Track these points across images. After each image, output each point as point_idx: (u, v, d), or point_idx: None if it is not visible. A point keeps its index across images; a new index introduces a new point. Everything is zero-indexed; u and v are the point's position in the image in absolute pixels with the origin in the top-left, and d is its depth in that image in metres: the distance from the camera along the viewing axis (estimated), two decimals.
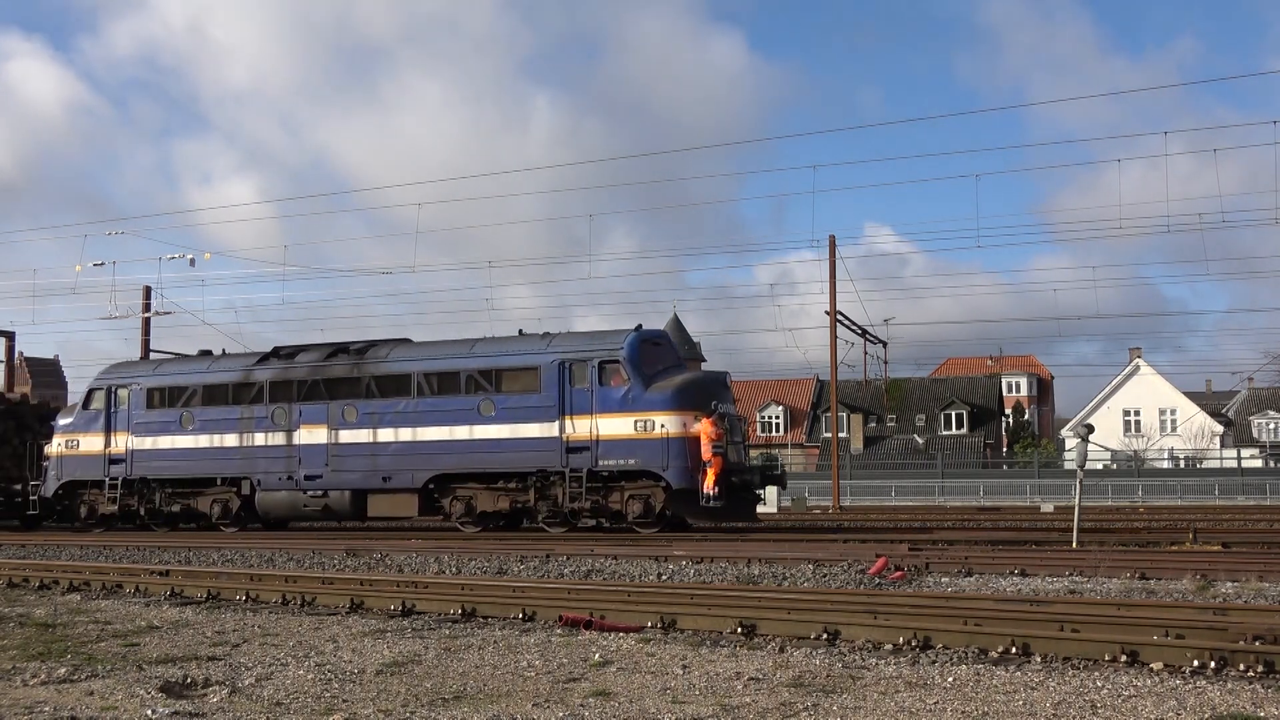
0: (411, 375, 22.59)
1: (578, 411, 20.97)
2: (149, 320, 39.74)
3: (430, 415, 22.21)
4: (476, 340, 23.19)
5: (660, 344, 22.27)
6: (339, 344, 24.52)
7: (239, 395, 24.37)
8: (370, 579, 13.15)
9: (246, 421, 24.14)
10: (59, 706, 6.95)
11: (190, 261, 36.45)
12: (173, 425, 24.97)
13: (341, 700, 7.08)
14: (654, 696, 6.99)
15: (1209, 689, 6.81)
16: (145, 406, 25.34)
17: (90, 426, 26.02)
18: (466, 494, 22.12)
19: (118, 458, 25.54)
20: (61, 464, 26.37)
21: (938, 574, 13.60)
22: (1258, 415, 75.53)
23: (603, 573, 15.03)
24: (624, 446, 20.56)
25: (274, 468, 23.75)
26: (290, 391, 23.77)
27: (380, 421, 22.67)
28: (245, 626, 10.53)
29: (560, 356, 21.32)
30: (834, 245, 35.30)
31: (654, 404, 20.51)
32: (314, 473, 23.27)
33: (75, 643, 9.67)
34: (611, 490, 20.81)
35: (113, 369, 27.04)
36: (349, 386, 23.18)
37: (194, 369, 25.69)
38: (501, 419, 21.55)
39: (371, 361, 23.24)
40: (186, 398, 24.97)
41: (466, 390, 21.96)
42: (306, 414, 23.47)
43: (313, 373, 23.71)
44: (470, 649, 8.93)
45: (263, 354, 25.05)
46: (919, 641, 8.33)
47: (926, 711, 6.42)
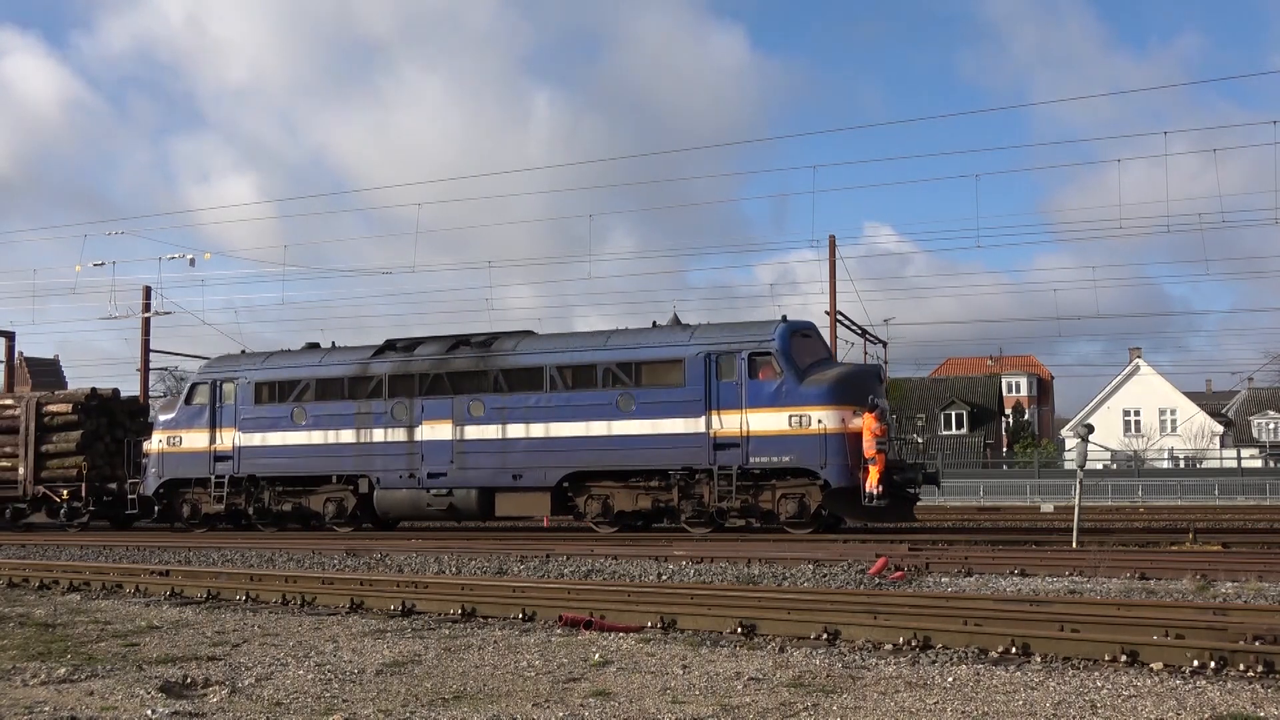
0: (544, 368, 21.67)
1: (725, 406, 20.06)
2: (149, 320, 39.74)
3: (564, 410, 21.29)
4: (611, 332, 22.24)
5: (809, 335, 21.30)
6: (458, 336, 23.63)
7: (355, 389, 23.39)
8: (370, 579, 13.15)
9: (364, 417, 23.18)
10: (59, 706, 6.95)
11: (190, 261, 36.41)
12: (283, 421, 23.95)
13: (341, 700, 7.08)
14: (654, 696, 6.99)
15: (1209, 689, 6.81)
16: (253, 401, 24.31)
17: (194, 422, 25.00)
18: (602, 493, 21.21)
19: (224, 454, 24.53)
20: (162, 461, 25.34)
21: (938, 574, 13.60)
22: (1258, 415, 75.54)
23: (603, 573, 15.03)
24: (777, 443, 19.62)
25: (394, 465, 22.77)
26: (411, 385, 22.77)
27: (510, 417, 21.72)
28: (245, 626, 10.53)
29: (706, 349, 20.38)
30: (834, 245, 35.32)
31: (810, 398, 19.59)
32: (438, 470, 22.31)
33: (75, 643, 9.67)
34: (762, 489, 19.90)
35: (215, 362, 26.01)
36: (475, 380, 22.25)
37: (304, 362, 24.54)
38: (642, 414, 20.68)
39: (499, 354, 22.36)
40: (298, 392, 23.95)
41: (603, 384, 21.07)
42: (429, 409, 22.50)
43: (435, 366, 22.71)
44: (470, 649, 8.93)
45: (376, 347, 24.03)
46: (919, 641, 8.33)
47: (926, 711, 6.42)
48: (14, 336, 42.06)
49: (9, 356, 42.25)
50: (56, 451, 27.88)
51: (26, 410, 28.10)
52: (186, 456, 25.00)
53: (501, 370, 22.02)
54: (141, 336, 39.88)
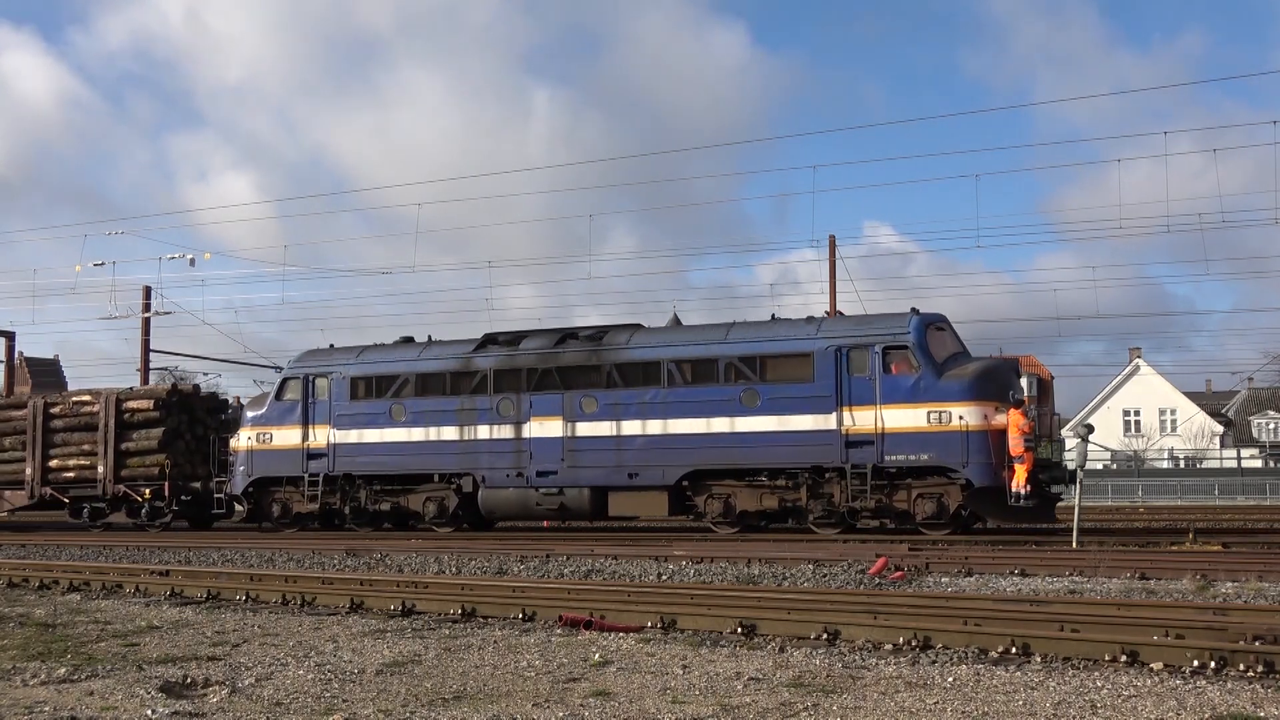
0: (661, 363, 20.94)
1: (858, 402, 19.37)
2: (149, 320, 39.74)
3: (684, 406, 20.59)
4: (730, 325, 21.47)
5: (943, 328, 20.43)
6: (565, 329, 22.97)
7: (458, 385, 22.60)
8: (370, 579, 13.15)
9: (468, 413, 22.37)
10: (59, 706, 6.95)
11: (190, 261, 36.45)
12: (381, 417, 23.13)
13: (341, 700, 7.08)
14: (654, 696, 6.99)
15: (1209, 689, 6.81)
16: (349, 397, 23.54)
17: (285, 419, 24.20)
18: (724, 492, 20.48)
19: (317, 452, 23.73)
20: (251, 459, 24.52)
21: (938, 574, 13.61)
22: (1258, 415, 75.54)
23: (603, 573, 15.04)
24: (914, 440, 18.94)
25: (500, 463, 22.01)
26: (518, 380, 22.07)
27: (625, 413, 21.00)
28: (245, 626, 10.53)
29: (836, 342, 19.72)
30: (834, 245, 35.31)
31: (950, 393, 18.89)
32: (547, 468, 21.59)
33: (75, 643, 9.67)
34: (897, 489, 19.25)
35: (306, 356, 25.03)
36: (586, 375, 21.54)
37: (402, 357, 23.67)
38: (767, 410, 19.94)
39: (612, 348, 21.63)
40: (397, 387, 23.12)
41: (725, 379, 20.36)
42: (538, 405, 21.75)
43: (543, 360, 21.98)
44: (470, 649, 8.93)
45: (476, 341, 23.32)
46: (919, 641, 8.33)
47: (926, 711, 6.42)
48: (14, 336, 42.09)
49: (9, 356, 42.26)
50: (137, 449, 27.14)
51: (105, 406, 27.28)
52: (277, 454, 24.23)
53: (615, 364, 21.33)
54: (141, 336, 39.88)
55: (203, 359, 48.94)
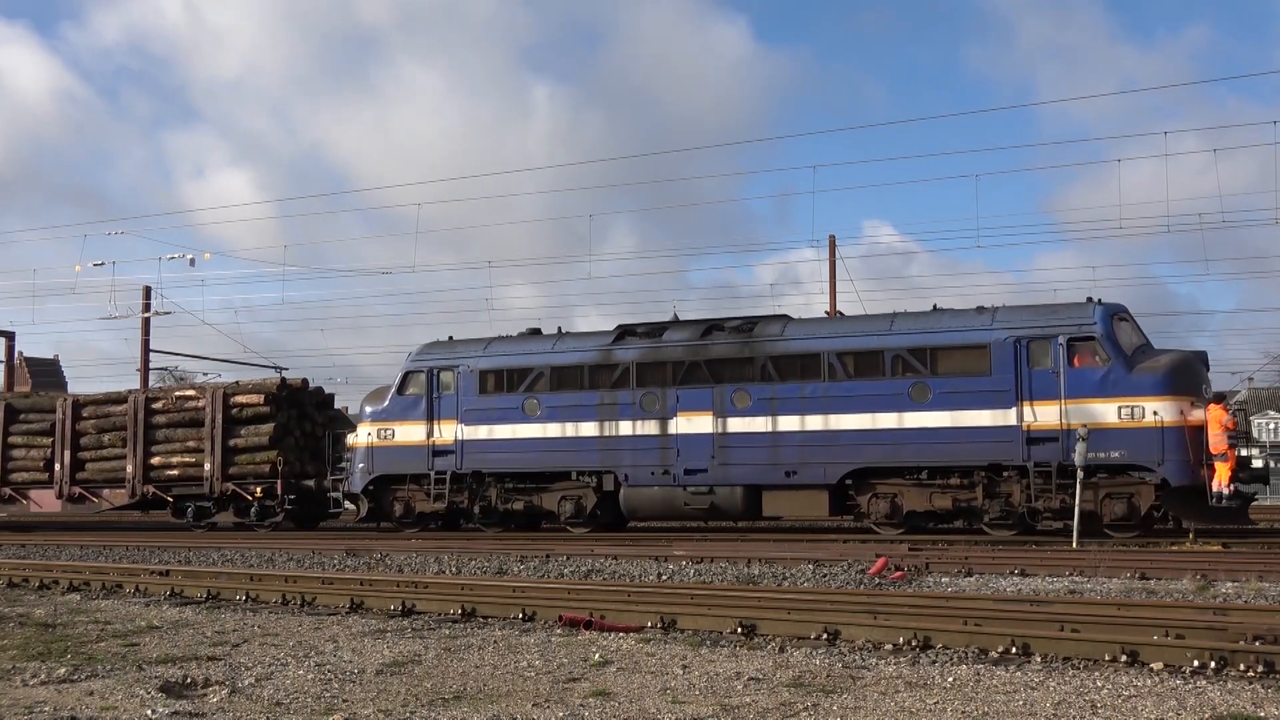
0: (821, 355, 19.90)
1: (1040, 396, 18.36)
2: (149, 320, 39.75)
3: (847, 401, 19.56)
4: (895, 315, 20.37)
5: (1126, 318, 19.29)
6: (709, 320, 22.01)
7: (597, 378, 21.59)
8: (370, 579, 13.15)
9: (608, 408, 21.34)
10: (59, 706, 6.95)
11: (190, 261, 36.43)
12: (513, 412, 22.10)
13: (341, 700, 7.08)
14: (654, 696, 6.98)
15: (1209, 689, 6.81)
16: (478, 391, 22.50)
17: (408, 414, 23.11)
18: (890, 492, 19.48)
19: (444, 449, 22.68)
20: (372, 456, 23.39)
21: (938, 574, 13.61)
22: (1257, 415, 75.55)
23: (603, 573, 15.04)
24: (1104, 437, 17.83)
25: (644, 460, 20.98)
26: (663, 374, 21.04)
27: (781, 408, 19.98)
28: (245, 626, 10.53)
29: (1014, 333, 18.68)
30: (834, 245, 35.30)
31: (1142, 387, 17.87)
32: (696, 466, 20.58)
33: (75, 643, 9.67)
34: (1083, 488, 17.99)
35: (428, 349, 23.78)
36: (737, 368, 20.50)
37: (535, 349, 22.59)
38: (938, 405, 18.98)
39: (765, 340, 20.56)
40: (530, 381, 22.12)
41: (892, 372, 19.37)
42: (685, 399, 20.74)
43: (691, 353, 20.96)
44: (470, 649, 8.93)
45: (613, 333, 22.32)
46: (919, 641, 8.33)
47: (926, 711, 6.42)
48: (14, 336, 42.13)
49: (9, 356, 42.30)
50: (246, 446, 26.28)
51: (212, 402, 26.49)
52: (400, 450, 23.13)
53: (770, 357, 20.32)
54: (141, 336, 39.89)
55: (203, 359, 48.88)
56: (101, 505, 28.17)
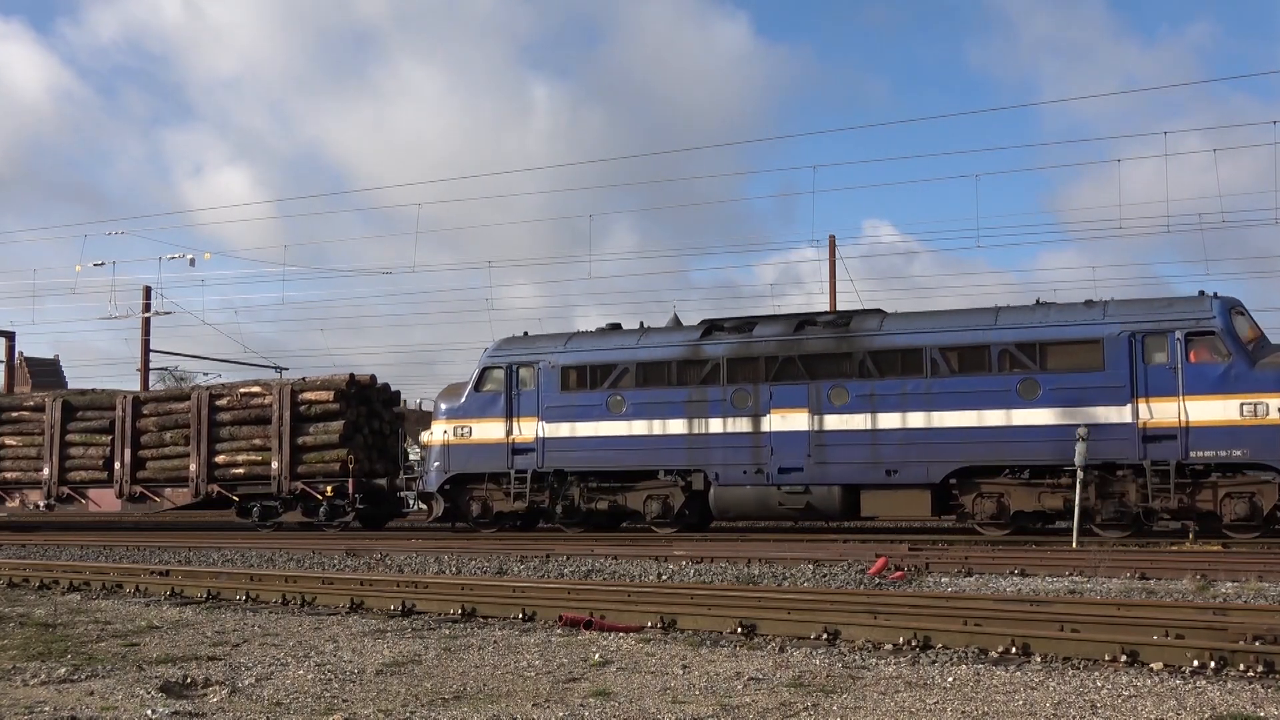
0: (923, 350, 19.34)
1: (1156, 392, 17.83)
2: (149, 320, 39.77)
3: (950, 397, 19.03)
4: (999, 309, 19.76)
5: (1243, 312, 18.74)
6: (800, 315, 21.47)
7: (685, 374, 21.07)
8: (370, 579, 13.15)
9: (697, 405, 20.83)
10: (59, 706, 6.95)
11: (190, 261, 36.45)
12: (597, 409, 21.59)
13: (341, 700, 7.08)
14: (654, 696, 6.99)
15: (1209, 689, 6.81)
16: (559, 387, 21.96)
17: (486, 411, 22.57)
18: (996, 491, 18.86)
19: (524, 446, 22.14)
20: (448, 454, 22.80)
21: (938, 574, 13.61)
22: None
23: (603, 573, 15.04)
24: (1225, 435, 17.36)
25: (736, 459, 20.45)
26: (755, 370, 20.50)
27: (881, 404, 19.50)
28: (245, 626, 10.53)
29: (1128, 328, 18.14)
30: (834, 245, 35.30)
31: (1266, 383, 17.32)
32: (791, 465, 20.04)
33: (75, 643, 9.67)
34: (1200, 488, 17.67)
35: (505, 344, 23.22)
36: (834, 363, 19.99)
37: (618, 344, 22.06)
38: (1048, 402, 18.41)
39: (863, 334, 20.03)
40: (615, 377, 21.58)
41: (998, 368, 18.80)
42: (779, 396, 20.20)
43: (785, 348, 20.40)
44: (470, 649, 8.93)
45: (700, 327, 21.76)
46: (919, 641, 8.33)
47: (926, 711, 6.42)
48: (14, 336, 42.14)
49: (9, 356, 42.31)
50: (315, 444, 25.48)
51: (280, 398, 25.74)
52: (478, 448, 22.58)
53: (869, 352, 19.79)
54: (141, 336, 39.92)
55: (203, 359, 49.01)
56: (163, 505, 27.29)
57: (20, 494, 28.53)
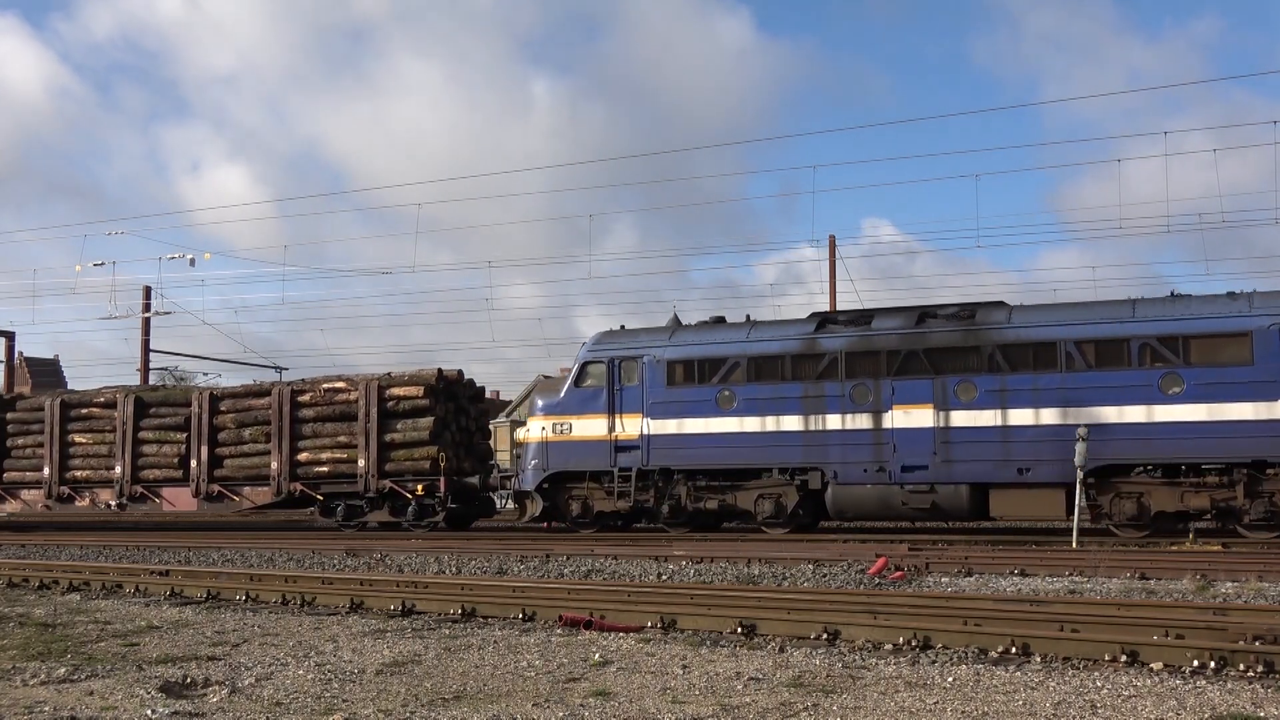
0: (1057, 344, 18.63)
1: None
2: (149, 320, 39.78)
3: (1087, 393, 18.32)
4: (1135, 301, 19.02)
5: None
6: (920, 307, 20.61)
7: (800, 369, 20.32)
8: (370, 579, 13.15)
9: (813, 400, 20.11)
10: (59, 706, 6.95)
11: (190, 261, 36.47)
12: (706, 405, 20.87)
13: (341, 700, 7.08)
14: (654, 696, 6.99)
15: (1209, 689, 6.81)
16: (665, 383, 21.24)
17: (586, 407, 21.86)
18: (1135, 490, 18.19)
19: (628, 444, 21.40)
20: (547, 452, 22.09)
21: (938, 574, 13.62)
22: None
23: (603, 573, 15.04)
24: None
25: (855, 456, 19.78)
26: (875, 364, 19.83)
27: (1012, 400, 18.77)
28: (245, 626, 10.53)
29: (1279, 320, 17.54)
30: (834, 245, 35.31)
31: None
32: (915, 463, 19.35)
33: (75, 643, 9.67)
34: None
35: (606, 338, 22.47)
36: (962, 357, 19.27)
37: (727, 338, 21.34)
38: (1193, 397, 17.76)
39: (992, 327, 19.28)
40: (725, 372, 20.84)
41: (1139, 362, 18.15)
42: (901, 391, 19.52)
43: (907, 342, 19.69)
44: (470, 649, 8.93)
45: (813, 320, 21.09)
46: (919, 641, 8.34)
47: (926, 711, 6.42)
48: (14, 336, 42.16)
49: (9, 356, 42.32)
50: (404, 441, 24.67)
51: (366, 394, 24.89)
52: (578, 446, 21.87)
53: (999, 345, 19.04)
54: (141, 336, 39.93)
55: (202, 359, 49.02)
56: (242, 504, 26.42)
57: (91, 493, 27.69)
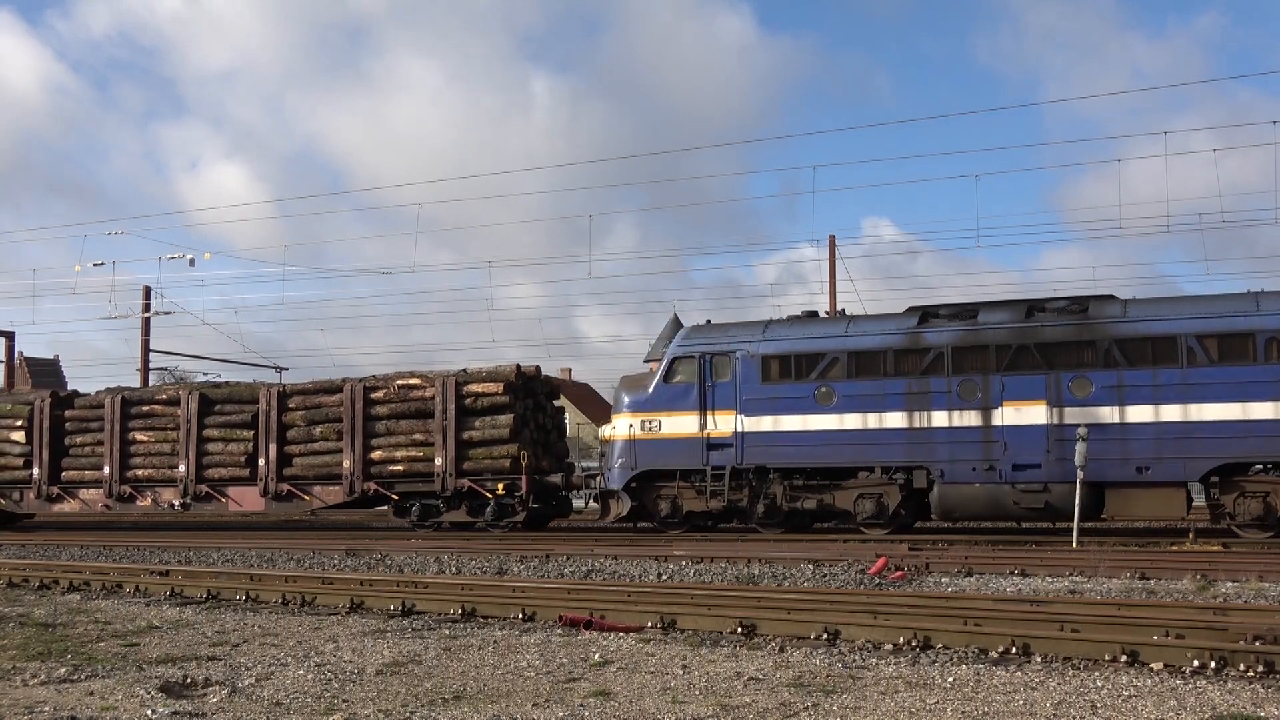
0: (1177, 338, 18.15)
1: None
2: (149, 320, 39.78)
3: (1211, 389, 17.84)
4: (1260, 294, 18.48)
5: None
6: (1028, 300, 20.18)
7: (903, 364, 19.81)
8: (370, 579, 13.15)
9: (918, 397, 19.60)
10: (59, 706, 6.95)
11: (190, 261, 36.47)
12: (804, 401, 20.32)
13: (341, 700, 7.08)
14: (654, 696, 6.99)
15: (1209, 689, 6.81)
16: (760, 379, 20.71)
17: (676, 403, 21.32)
18: (1261, 490, 17.68)
19: (720, 441, 20.87)
20: (634, 450, 21.52)
21: (938, 574, 13.62)
22: None
23: (603, 573, 15.04)
24: None
25: (963, 455, 19.18)
26: (983, 359, 19.25)
27: (1130, 396, 18.27)
28: (245, 626, 10.54)
29: None
30: (834, 245, 35.31)
31: None
32: (1027, 461, 18.79)
33: (75, 643, 9.67)
34: None
35: (695, 333, 22.00)
36: (1074, 352, 18.76)
37: (825, 332, 20.85)
38: None
39: (1107, 321, 18.77)
40: (823, 367, 20.30)
41: (1265, 357, 17.66)
42: (1012, 387, 18.98)
43: (1017, 336, 19.15)
44: (470, 649, 8.93)
45: (914, 314, 20.49)
46: (919, 641, 8.34)
47: (926, 711, 6.43)
48: (14, 336, 42.19)
49: (9, 356, 42.35)
50: (482, 439, 24.04)
51: (443, 391, 24.31)
52: (668, 444, 21.32)
53: (1115, 340, 18.54)
54: (141, 336, 39.92)
55: (202, 359, 48.97)
56: (312, 503, 25.80)
57: (153, 493, 27.11)
